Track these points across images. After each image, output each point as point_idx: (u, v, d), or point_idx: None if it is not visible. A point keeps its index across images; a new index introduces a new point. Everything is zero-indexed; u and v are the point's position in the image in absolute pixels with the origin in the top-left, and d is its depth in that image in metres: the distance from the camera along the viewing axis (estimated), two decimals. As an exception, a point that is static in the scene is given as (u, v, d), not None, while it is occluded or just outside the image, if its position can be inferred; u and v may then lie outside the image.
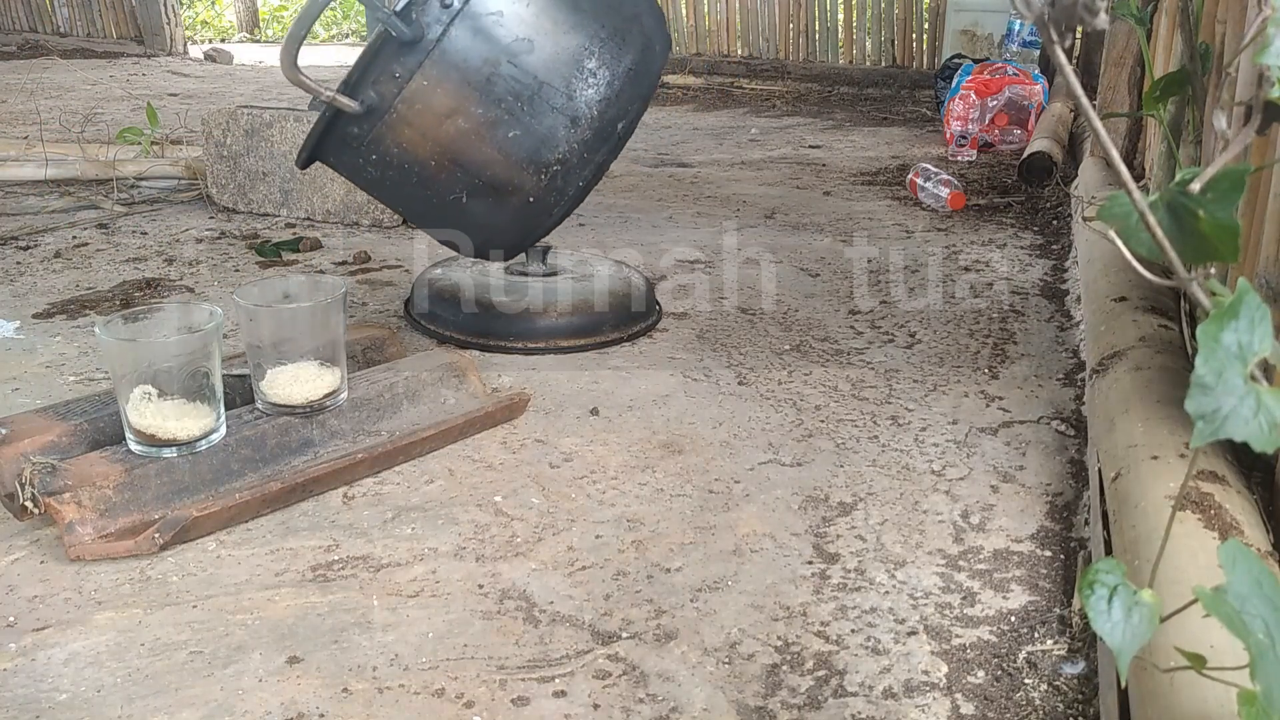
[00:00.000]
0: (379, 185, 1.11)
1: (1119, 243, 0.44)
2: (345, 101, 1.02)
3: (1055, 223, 2.09)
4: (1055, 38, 0.36)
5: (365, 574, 0.88)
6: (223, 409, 1.00)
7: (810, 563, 0.90)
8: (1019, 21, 3.60)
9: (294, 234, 1.95)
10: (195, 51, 5.84)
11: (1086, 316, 1.35)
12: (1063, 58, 0.38)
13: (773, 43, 4.58)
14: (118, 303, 1.56)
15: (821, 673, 0.76)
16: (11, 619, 0.82)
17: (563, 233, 2.01)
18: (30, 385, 1.25)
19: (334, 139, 1.09)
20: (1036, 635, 0.81)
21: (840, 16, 4.47)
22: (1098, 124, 0.40)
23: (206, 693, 0.73)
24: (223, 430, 1.00)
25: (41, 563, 0.89)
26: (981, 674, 0.76)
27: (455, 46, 0.98)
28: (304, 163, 1.12)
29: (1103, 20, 0.34)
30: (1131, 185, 0.43)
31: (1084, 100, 0.40)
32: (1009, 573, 0.89)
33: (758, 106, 3.95)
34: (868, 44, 4.40)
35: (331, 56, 6.27)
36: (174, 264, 1.76)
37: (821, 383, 1.30)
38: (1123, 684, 0.49)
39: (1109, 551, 0.81)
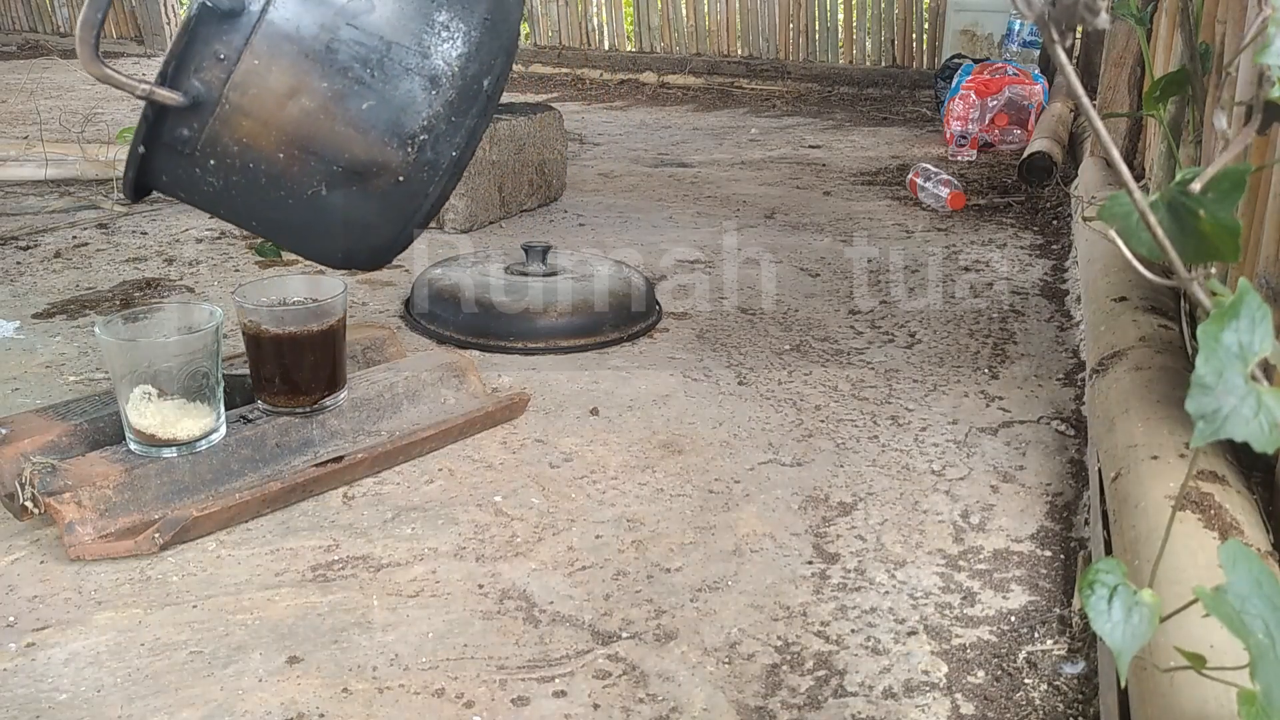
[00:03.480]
0: (224, 198, 0.94)
1: (1119, 242, 0.44)
2: (166, 94, 0.86)
3: (1055, 223, 2.09)
4: (1056, 37, 0.36)
5: (365, 574, 0.88)
6: (223, 409, 1.00)
7: (810, 563, 0.90)
8: (1019, 21, 3.60)
9: (294, 234, 1.95)
10: (195, 51, 5.83)
11: (1086, 316, 1.35)
12: (1063, 57, 0.38)
13: (773, 43, 4.58)
14: (118, 303, 1.56)
15: (821, 673, 0.76)
16: (11, 619, 0.82)
17: (563, 233, 2.01)
18: (30, 385, 1.25)
19: (162, 151, 0.91)
20: (1036, 635, 0.81)
21: (840, 16, 4.47)
22: (1098, 123, 0.40)
23: (206, 693, 0.73)
24: (223, 430, 1.00)
25: (41, 563, 0.89)
26: (981, 674, 0.76)
27: (284, 15, 0.84)
28: (133, 191, 0.94)
29: (1104, 20, 0.34)
30: (1132, 185, 0.43)
31: (1085, 100, 0.40)
32: (1009, 573, 0.89)
33: (758, 106, 3.95)
34: (868, 44, 4.40)
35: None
36: (174, 264, 1.76)
37: (821, 383, 1.30)
38: (1123, 684, 0.49)
39: (1109, 551, 0.81)
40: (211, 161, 0.90)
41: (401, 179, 0.88)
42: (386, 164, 0.86)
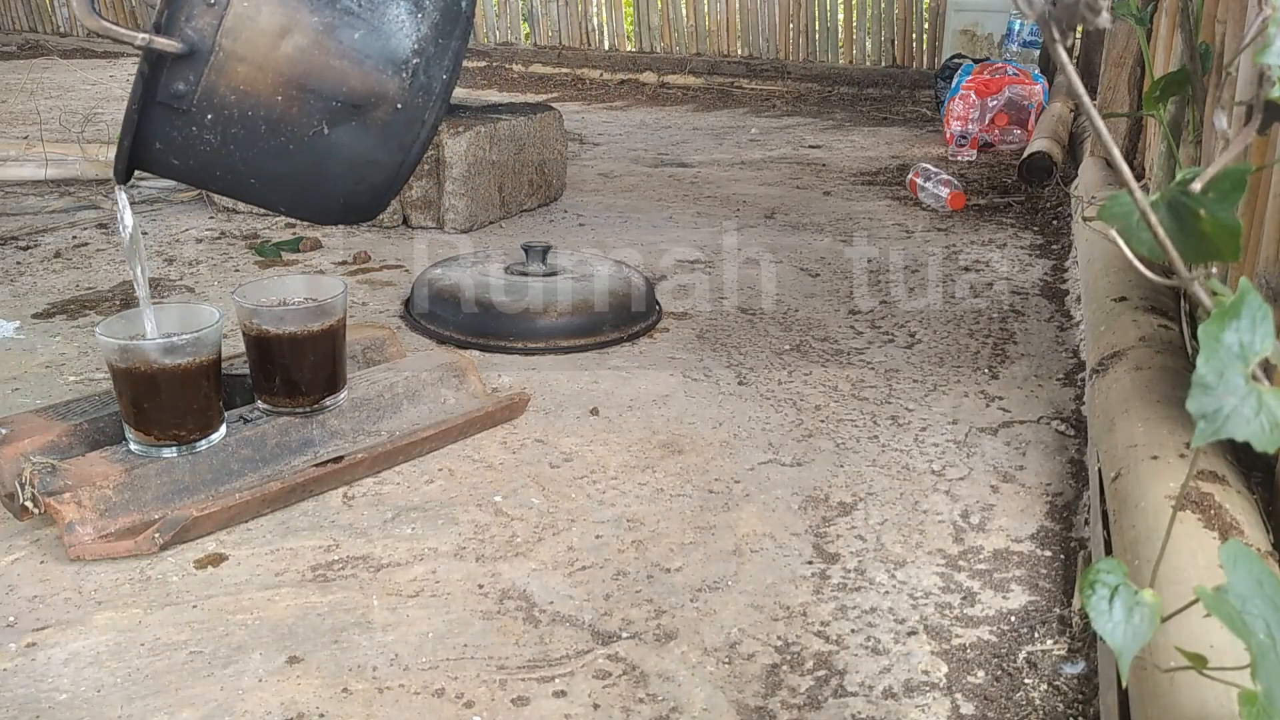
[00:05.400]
0: (222, 156, 0.91)
1: (1120, 242, 0.44)
2: (165, 42, 0.84)
3: (1055, 223, 2.09)
4: (1057, 36, 0.36)
5: (365, 574, 0.88)
6: (223, 409, 1.00)
7: (810, 563, 0.90)
8: (1019, 21, 3.60)
9: (294, 234, 1.95)
10: (195, 51, 5.83)
11: (1086, 316, 1.35)
12: (1064, 56, 0.38)
13: (773, 43, 4.58)
14: (118, 303, 1.56)
15: (821, 673, 0.76)
16: (11, 619, 0.82)
17: (563, 233, 2.01)
18: (30, 385, 1.25)
19: (157, 112, 0.88)
20: (1036, 635, 0.80)
21: (840, 16, 4.47)
22: (1099, 122, 0.40)
23: (206, 693, 0.73)
24: (223, 430, 1.00)
25: (41, 563, 0.89)
26: (981, 674, 0.76)
27: None
28: (125, 162, 0.92)
29: (1105, 19, 0.34)
30: (1133, 184, 0.43)
31: (1086, 99, 0.40)
32: (1009, 573, 0.89)
33: (758, 106, 3.95)
34: (868, 44, 4.40)
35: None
36: (174, 264, 1.76)
37: (821, 383, 1.30)
38: (1124, 684, 0.49)
39: (1109, 551, 0.81)
40: (209, 116, 0.88)
41: (400, 105, 0.89)
42: (385, 92, 0.87)
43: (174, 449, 0.96)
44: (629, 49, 4.93)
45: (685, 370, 1.33)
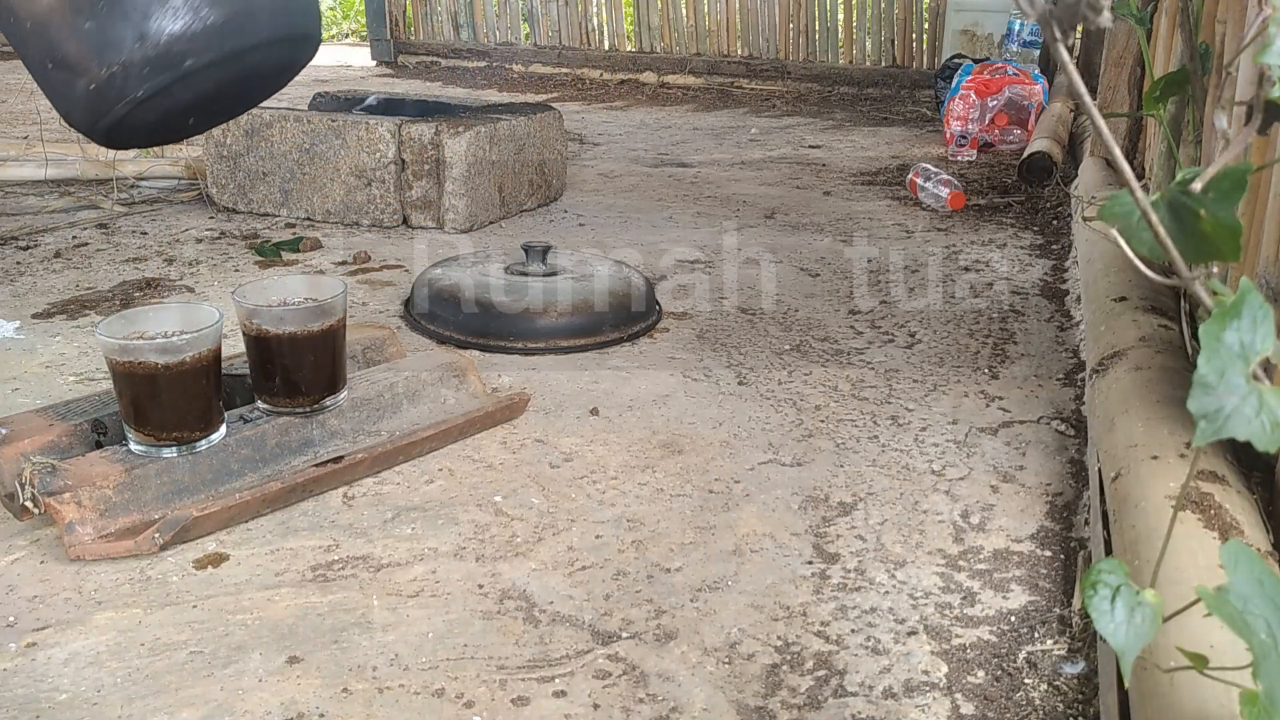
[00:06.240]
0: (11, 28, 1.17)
1: (1121, 241, 0.44)
2: None
3: (1055, 223, 2.09)
4: (1058, 36, 0.36)
5: (365, 574, 0.88)
6: (223, 409, 1.00)
7: (810, 563, 0.90)
8: (1019, 21, 3.60)
9: (294, 234, 1.95)
10: (195, 51, 5.83)
11: (1086, 316, 1.35)
12: (1066, 55, 0.38)
13: (773, 43, 4.58)
14: (118, 303, 1.56)
15: (821, 673, 0.76)
16: (11, 619, 0.82)
17: (563, 233, 2.01)
18: (30, 385, 1.25)
19: None
20: (1036, 635, 0.80)
21: (840, 16, 4.47)
22: (1100, 121, 0.40)
23: (206, 693, 0.73)
24: (223, 430, 1.00)
25: (41, 563, 0.89)
26: (981, 674, 0.76)
27: None
28: None
29: (1106, 18, 0.34)
30: (1135, 184, 0.43)
31: (1087, 97, 0.40)
32: (1009, 573, 0.89)
33: (758, 106, 3.95)
34: (868, 44, 4.40)
35: (331, 57, 6.27)
36: (174, 264, 1.76)
37: (821, 383, 1.30)
38: (1126, 684, 0.49)
39: (1109, 551, 0.81)
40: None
41: (93, 87, 1.09)
42: (85, 71, 1.07)
43: (174, 449, 0.96)
44: (629, 49, 4.93)
45: (685, 370, 1.33)
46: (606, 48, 4.93)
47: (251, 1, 1.11)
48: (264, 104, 2.52)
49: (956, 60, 3.41)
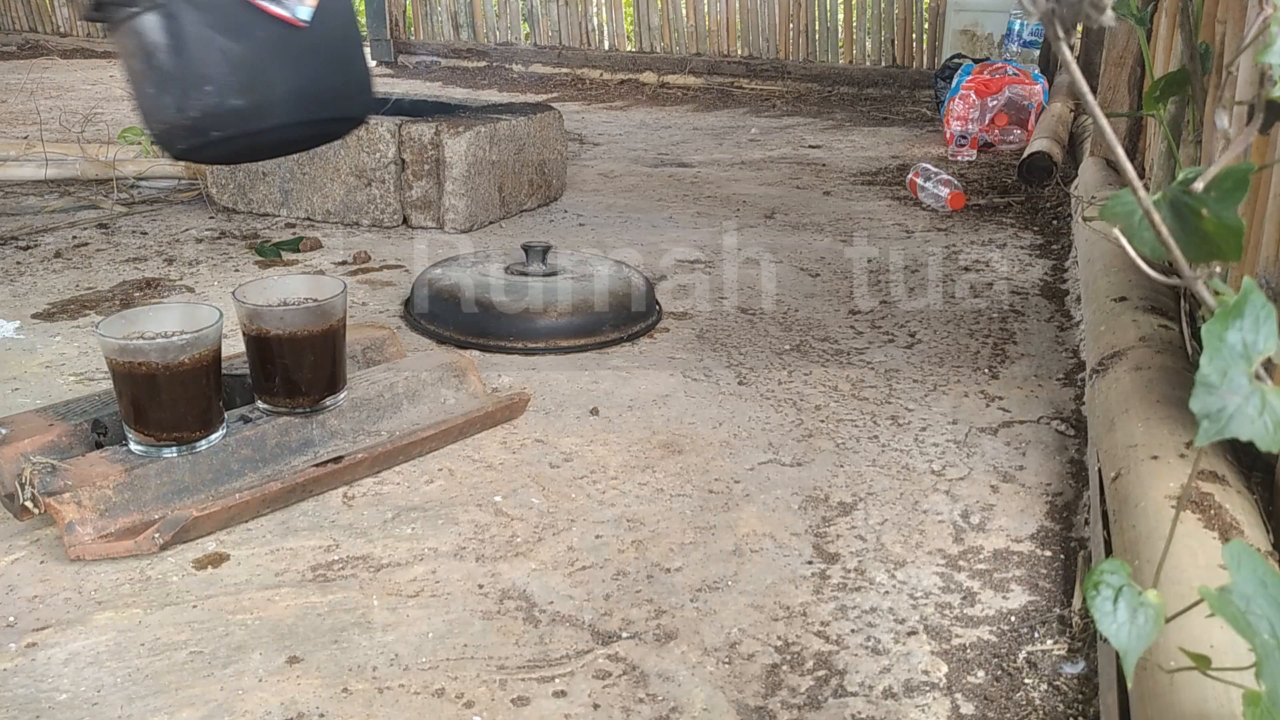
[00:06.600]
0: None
1: (1123, 241, 0.44)
2: None
3: (1055, 223, 2.09)
4: (1061, 34, 0.36)
5: (365, 574, 0.88)
6: (223, 409, 1.00)
7: (810, 563, 0.90)
8: (1019, 21, 3.60)
9: (294, 234, 1.95)
10: (195, 51, 5.84)
11: (1086, 316, 1.35)
12: (1068, 54, 0.38)
13: (773, 43, 4.58)
14: (118, 303, 1.56)
15: (821, 673, 0.76)
16: (11, 619, 0.82)
17: (563, 233, 2.01)
18: (30, 385, 1.25)
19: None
20: (1036, 635, 0.80)
21: (840, 16, 4.47)
22: (1102, 120, 0.40)
23: (206, 693, 0.73)
24: (223, 430, 0.99)
25: (41, 563, 0.89)
26: (981, 674, 0.76)
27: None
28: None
29: (1109, 17, 0.34)
30: (1137, 183, 0.43)
31: (1089, 96, 0.40)
32: (1009, 573, 0.89)
33: (758, 106, 3.95)
34: (868, 44, 4.40)
35: (331, 56, 6.24)
36: (174, 264, 1.76)
37: (821, 383, 1.29)
38: (1128, 685, 0.49)
39: (1109, 551, 0.81)
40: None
41: (152, 134, 1.26)
42: (147, 122, 1.23)
43: (174, 449, 0.96)
44: (629, 49, 4.93)
45: (685, 370, 1.33)
46: (606, 48, 4.93)
47: (272, 93, 1.26)
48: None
49: (956, 60, 3.41)
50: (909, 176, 2.35)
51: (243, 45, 1.30)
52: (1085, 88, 0.40)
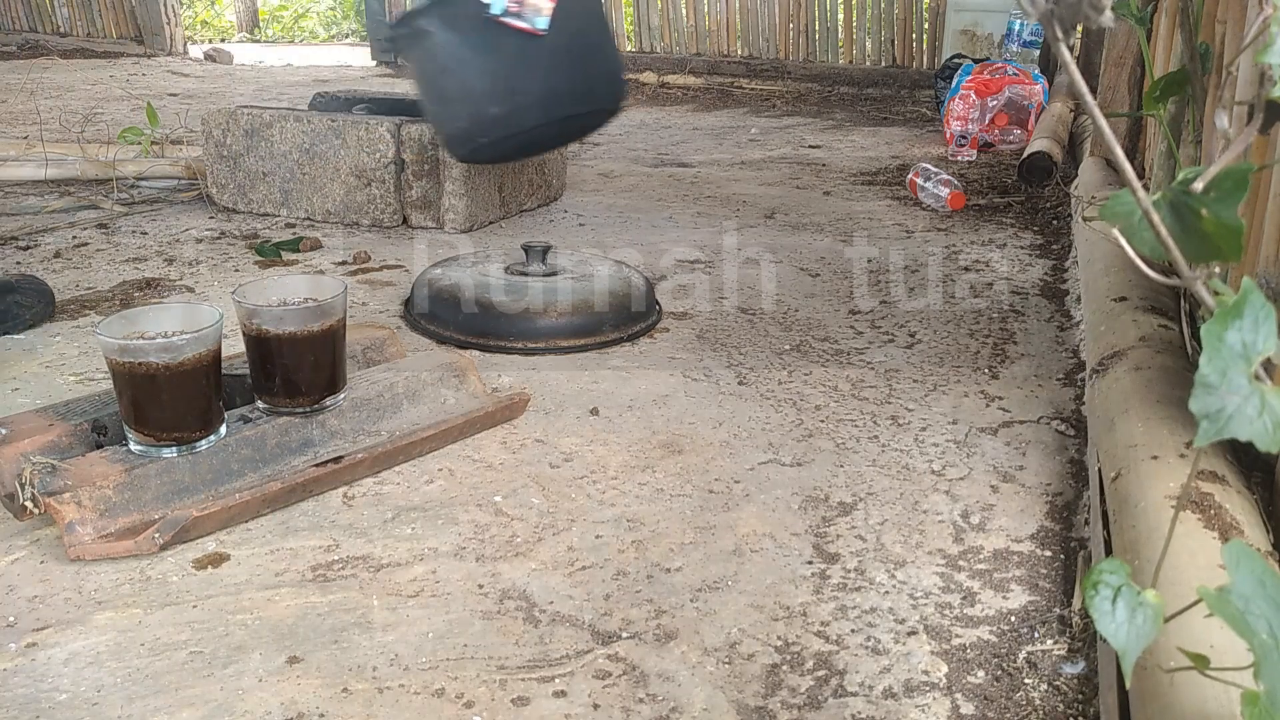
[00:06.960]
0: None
1: (1123, 241, 0.44)
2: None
3: (1055, 223, 2.09)
4: (1060, 35, 0.36)
5: (365, 574, 0.88)
6: (223, 409, 1.00)
7: (810, 563, 0.90)
8: (1019, 21, 3.60)
9: (294, 234, 1.95)
10: (195, 51, 5.85)
11: (1086, 316, 1.35)
12: (1067, 54, 0.38)
13: (773, 43, 4.58)
14: (118, 303, 1.56)
15: (821, 673, 0.76)
16: (11, 619, 0.82)
17: (563, 233, 2.01)
18: (30, 385, 1.25)
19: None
20: (1036, 635, 0.80)
21: (840, 16, 4.48)
22: (1101, 120, 0.40)
23: (206, 693, 0.73)
24: (223, 430, 0.99)
25: (41, 563, 0.89)
26: (981, 674, 0.76)
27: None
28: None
29: (1109, 17, 0.34)
30: (1136, 184, 0.43)
31: (1088, 96, 0.40)
32: (1009, 573, 0.89)
33: (758, 106, 3.95)
34: (868, 44, 4.40)
35: (331, 57, 6.27)
36: (174, 264, 1.76)
37: (821, 383, 1.29)
38: (1127, 685, 0.49)
39: (1109, 551, 0.81)
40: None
41: (442, 137, 1.76)
42: (438, 130, 1.71)
43: (174, 449, 0.96)
44: (629, 49, 4.93)
45: (685, 370, 1.33)
46: (606, 48, 4.92)
47: (525, 97, 1.53)
48: (264, 104, 2.57)
49: (956, 60, 3.41)
50: (909, 176, 2.35)
51: (494, 59, 1.55)
52: (1084, 88, 0.40)
